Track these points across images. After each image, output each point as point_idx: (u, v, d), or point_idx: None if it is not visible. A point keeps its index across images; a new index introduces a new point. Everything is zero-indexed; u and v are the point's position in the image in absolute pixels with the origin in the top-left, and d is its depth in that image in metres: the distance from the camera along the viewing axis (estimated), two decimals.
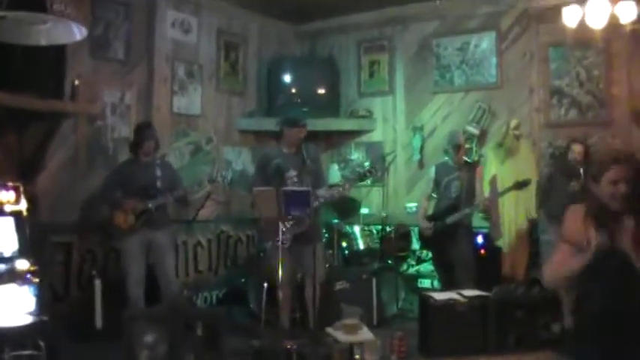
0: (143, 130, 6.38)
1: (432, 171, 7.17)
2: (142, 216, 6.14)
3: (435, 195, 7.06)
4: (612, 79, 7.29)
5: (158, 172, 6.31)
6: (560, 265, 3.26)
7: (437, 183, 7.02)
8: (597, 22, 6.06)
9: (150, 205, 6.15)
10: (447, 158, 7.02)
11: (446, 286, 6.69)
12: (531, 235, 7.21)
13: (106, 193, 6.26)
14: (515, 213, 7.22)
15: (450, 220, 6.77)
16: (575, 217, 3.24)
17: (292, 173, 6.30)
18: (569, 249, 3.22)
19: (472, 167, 6.99)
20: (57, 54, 5.82)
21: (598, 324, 3.15)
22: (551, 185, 6.69)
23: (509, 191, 6.89)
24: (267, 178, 6.15)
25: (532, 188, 6.88)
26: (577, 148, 6.60)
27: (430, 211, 7.09)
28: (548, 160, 7.46)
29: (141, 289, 6.13)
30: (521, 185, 6.67)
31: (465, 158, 7.15)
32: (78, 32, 4.00)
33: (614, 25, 6.14)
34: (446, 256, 6.88)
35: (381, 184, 8.14)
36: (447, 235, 6.77)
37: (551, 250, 6.54)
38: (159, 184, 6.27)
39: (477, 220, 7.49)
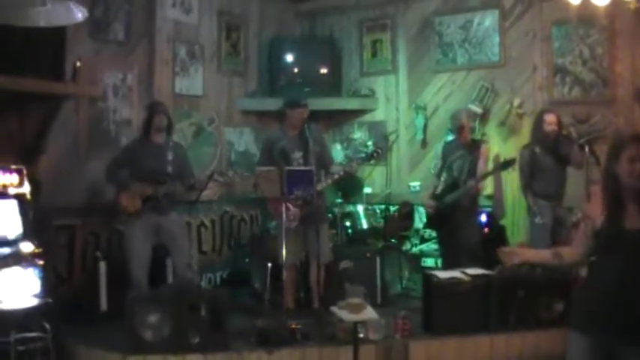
0: (155, 106, 6.35)
1: (439, 149, 7.17)
2: (149, 201, 6.11)
3: (444, 174, 7.04)
4: (615, 57, 7.24)
5: (169, 156, 6.22)
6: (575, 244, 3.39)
7: (444, 161, 7.01)
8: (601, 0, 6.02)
9: (159, 193, 6.11)
10: (452, 137, 7.01)
11: (449, 265, 6.69)
12: None
13: (112, 173, 6.21)
14: (518, 191, 7.20)
15: (448, 199, 6.77)
16: (596, 197, 3.28)
17: (297, 155, 6.31)
18: (586, 228, 3.30)
19: (477, 146, 6.95)
20: (57, 36, 5.81)
21: (605, 301, 3.18)
22: (533, 164, 6.65)
23: (493, 173, 6.88)
24: (273, 162, 6.14)
25: None
26: (550, 118, 6.57)
27: (439, 190, 7.08)
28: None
29: (144, 272, 6.11)
30: (506, 165, 6.65)
31: (472, 136, 7.12)
32: (78, 13, 3.99)
33: (617, 2, 6.10)
34: (449, 235, 6.89)
35: (384, 164, 8.13)
36: (450, 214, 6.77)
37: (543, 233, 6.59)
38: (169, 169, 6.18)
39: (481, 199, 7.49)
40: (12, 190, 5.03)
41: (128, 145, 6.48)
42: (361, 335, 5.16)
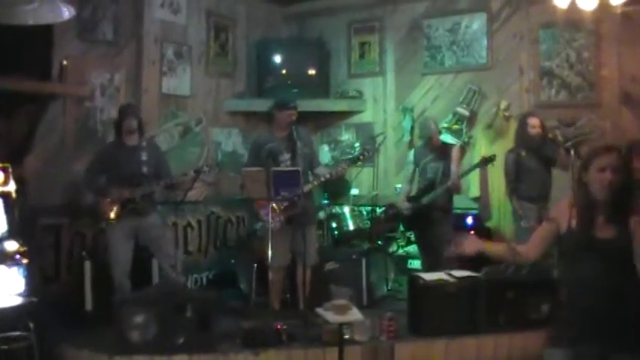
0: (124, 109, 6.33)
1: (411, 154, 7.25)
2: (128, 205, 6.07)
3: (418, 177, 7.14)
4: (602, 61, 7.29)
5: (144, 157, 6.18)
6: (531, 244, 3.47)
7: (416, 165, 7.10)
8: (588, 3, 6.04)
9: (136, 195, 6.08)
10: (422, 143, 7.10)
11: (428, 267, 6.73)
12: None
13: (89, 180, 6.17)
14: (504, 194, 7.22)
15: (426, 199, 6.87)
16: (563, 202, 3.32)
17: (285, 157, 6.30)
18: (548, 226, 3.33)
19: (447, 149, 7.06)
20: (45, 36, 5.80)
21: (572, 309, 3.24)
22: (519, 167, 6.69)
23: (475, 168, 7.01)
24: (261, 163, 6.13)
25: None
26: (533, 122, 6.63)
27: (413, 194, 7.15)
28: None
29: (126, 276, 6.08)
30: (487, 161, 6.73)
31: (442, 139, 7.21)
32: (66, 12, 3.98)
33: (604, 6, 6.12)
34: (426, 237, 7.00)
35: (371, 165, 8.14)
36: (426, 216, 6.89)
37: (529, 236, 6.61)
38: (145, 169, 6.15)
39: (467, 202, 7.52)
40: None
41: (101, 150, 6.40)
42: (347, 336, 5.17)
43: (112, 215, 6.04)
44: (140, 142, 6.27)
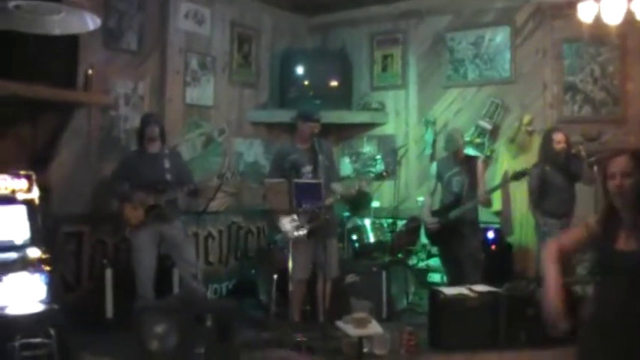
0: (146, 117, 6.41)
1: (434, 167, 7.18)
2: (152, 211, 6.12)
3: (441, 190, 7.07)
4: (627, 75, 7.23)
5: (166, 164, 6.25)
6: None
7: (439, 178, 7.03)
8: (613, 18, 6.01)
9: (160, 201, 6.13)
10: (447, 154, 7.04)
11: (453, 281, 6.68)
12: None
13: (114, 187, 6.25)
14: (526, 209, 7.18)
15: (453, 214, 6.77)
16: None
17: (308, 168, 6.31)
18: (580, 231, 3.24)
19: (473, 161, 6.99)
20: (70, 44, 5.84)
21: (596, 321, 3.17)
22: (543, 182, 6.62)
23: (507, 183, 6.92)
24: (283, 174, 6.14)
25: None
26: (559, 137, 6.54)
27: (436, 207, 7.09)
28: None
29: (150, 283, 6.13)
30: (518, 176, 6.65)
31: (466, 152, 7.16)
32: (91, 22, 4.00)
33: (629, 21, 6.08)
34: (453, 251, 6.89)
35: (392, 178, 8.13)
36: (453, 230, 6.78)
37: None
38: (168, 176, 6.22)
39: (488, 216, 7.47)
40: (21, 196, 5.03)
41: (124, 158, 6.49)
42: (366, 350, 5.16)
43: (137, 221, 6.08)
44: (162, 149, 6.32)
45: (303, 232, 5.91)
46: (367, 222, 7.84)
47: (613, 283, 3.08)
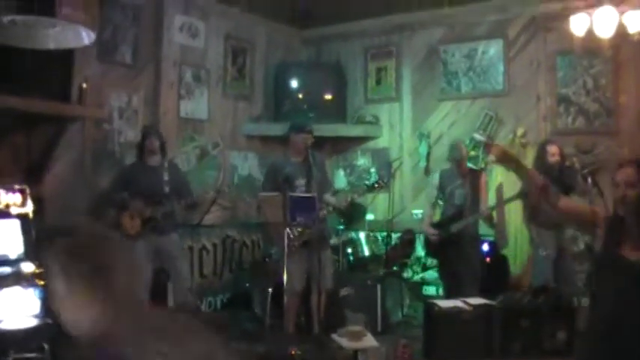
0: (146, 130, 6.42)
1: (437, 177, 7.17)
2: (149, 222, 6.12)
3: (440, 202, 7.06)
4: (619, 87, 7.27)
5: (165, 177, 6.26)
6: None
7: (442, 190, 7.02)
8: (605, 30, 6.05)
9: (157, 213, 6.12)
10: (451, 166, 7.03)
11: (451, 294, 6.66)
12: None
13: (112, 194, 6.23)
14: (521, 221, 7.19)
15: (455, 228, 6.75)
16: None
17: (301, 182, 6.32)
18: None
19: (476, 175, 6.97)
20: (65, 58, 5.85)
21: (599, 328, 3.16)
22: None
23: (513, 200, 6.88)
24: (277, 187, 6.15)
25: None
26: (553, 150, 6.55)
27: (436, 219, 7.08)
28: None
29: (146, 294, 6.11)
30: (526, 195, 6.65)
31: (470, 165, 7.14)
32: (86, 37, 4.02)
33: (621, 33, 6.13)
34: (452, 264, 6.86)
35: (386, 191, 8.14)
36: (453, 243, 6.76)
37: (546, 265, 6.58)
38: (166, 189, 6.23)
39: (483, 228, 7.47)
40: (14, 210, 5.02)
41: (124, 169, 6.53)
42: None
43: (134, 231, 6.07)
44: (162, 162, 6.33)
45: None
46: (362, 235, 7.84)
47: (611, 290, 3.10)
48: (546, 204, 3.43)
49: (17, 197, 5.05)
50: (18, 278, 4.77)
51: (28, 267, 4.87)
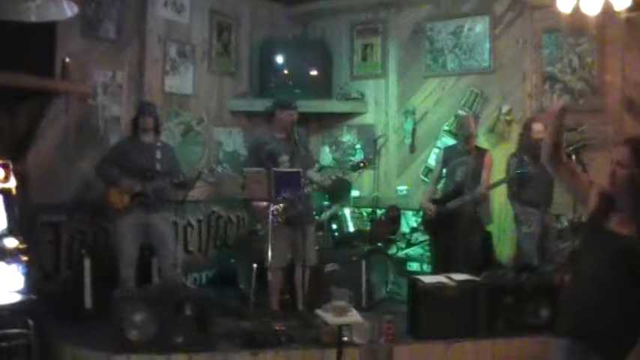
0: (142, 107, 6.39)
1: (440, 153, 7.16)
2: (138, 197, 6.10)
3: (443, 178, 7.06)
4: (605, 66, 7.26)
5: (158, 155, 6.26)
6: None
7: (445, 165, 7.01)
8: (592, 9, 6.03)
9: (147, 189, 6.11)
10: (456, 142, 7.01)
11: (438, 271, 6.66)
12: None
13: (102, 169, 6.20)
14: (505, 198, 7.21)
15: (451, 205, 6.77)
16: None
17: (284, 158, 6.31)
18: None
19: (481, 154, 6.96)
20: (48, 33, 5.79)
21: (570, 299, 3.25)
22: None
23: (500, 184, 6.88)
24: (260, 163, 6.14)
25: None
26: (537, 127, 6.56)
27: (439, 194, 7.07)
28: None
29: (132, 270, 6.11)
30: (510, 180, 6.68)
31: (476, 144, 7.12)
32: (69, 9, 3.97)
33: (608, 12, 6.11)
34: (445, 241, 6.87)
35: (372, 167, 8.14)
36: (450, 220, 6.76)
37: (531, 242, 6.61)
38: (158, 166, 6.22)
39: None
40: None
41: (117, 144, 6.49)
42: (345, 338, 5.17)
43: (121, 205, 6.06)
44: (156, 140, 6.32)
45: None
46: (347, 211, 7.84)
47: (594, 260, 3.15)
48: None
49: (0, 172, 5.01)
50: (1, 254, 4.75)
51: (11, 242, 4.85)
